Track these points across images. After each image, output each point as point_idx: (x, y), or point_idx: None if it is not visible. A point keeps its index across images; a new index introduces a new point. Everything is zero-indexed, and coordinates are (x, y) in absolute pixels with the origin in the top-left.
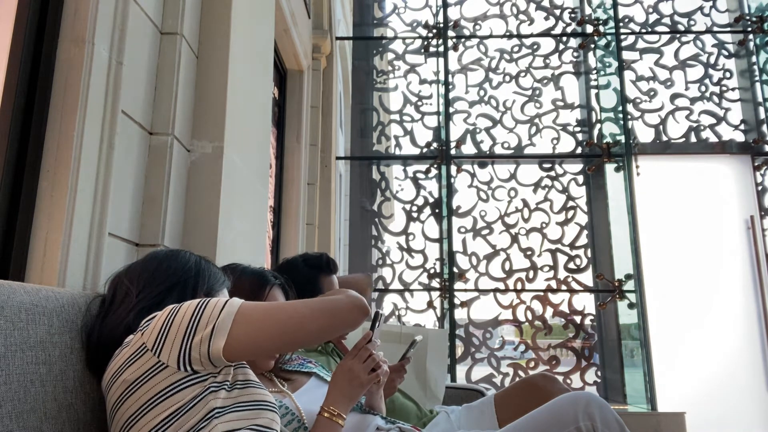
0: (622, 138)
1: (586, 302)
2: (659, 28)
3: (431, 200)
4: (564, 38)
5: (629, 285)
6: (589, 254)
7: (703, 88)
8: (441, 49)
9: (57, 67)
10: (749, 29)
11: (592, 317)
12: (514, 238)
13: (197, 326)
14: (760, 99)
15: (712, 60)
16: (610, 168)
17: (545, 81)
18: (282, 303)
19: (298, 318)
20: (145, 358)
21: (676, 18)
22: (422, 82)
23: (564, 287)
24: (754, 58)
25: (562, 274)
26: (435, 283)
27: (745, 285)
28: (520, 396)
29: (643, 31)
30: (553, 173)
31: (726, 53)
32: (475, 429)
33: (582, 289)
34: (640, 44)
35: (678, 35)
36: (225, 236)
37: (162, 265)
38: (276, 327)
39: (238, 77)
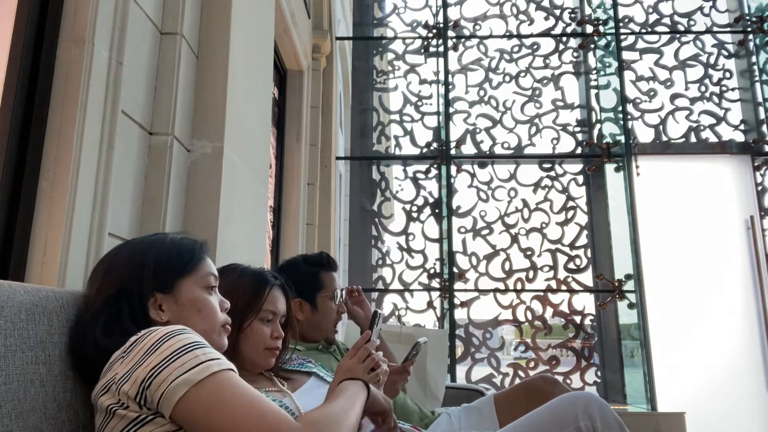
0: (622, 138)
1: (586, 302)
2: (659, 28)
3: (431, 200)
4: (564, 38)
5: (629, 285)
6: (589, 254)
7: (703, 88)
8: (441, 49)
9: (57, 67)
10: (749, 29)
11: (592, 317)
12: (514, 238)
13: (153, 381)
14: (760, 99)
15: (712, 60)
16: (610, 168)
17: (545, 81)
18: (245, 403)
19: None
20: (113, 389)
21: (676, 18)
22: (422, 82)
23: (564, 287)
24: (754, 58)
25: (562, 274)
26: (435, 283)
27: (745, 285)
28: (520, 398)
29: (643, 31)
30: (553, 173)
31: (726, 53)
32: (475, 430)
33: (582, 289)
34: (640, 44)
35: (678, 35)
36: (225, 236)
37: (110, 270)
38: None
39: (238, 77)
